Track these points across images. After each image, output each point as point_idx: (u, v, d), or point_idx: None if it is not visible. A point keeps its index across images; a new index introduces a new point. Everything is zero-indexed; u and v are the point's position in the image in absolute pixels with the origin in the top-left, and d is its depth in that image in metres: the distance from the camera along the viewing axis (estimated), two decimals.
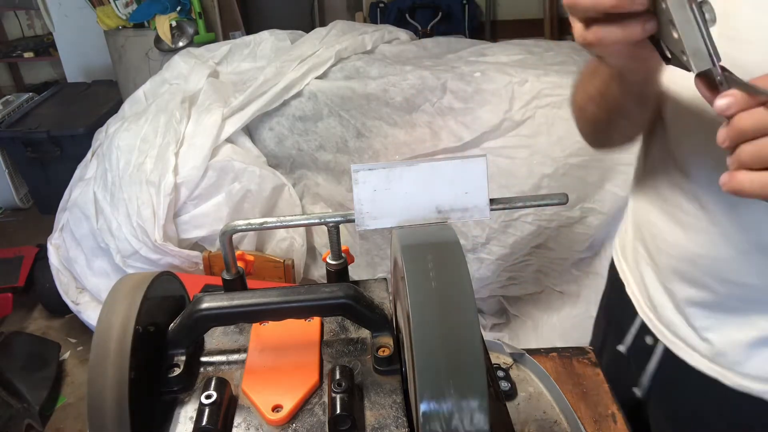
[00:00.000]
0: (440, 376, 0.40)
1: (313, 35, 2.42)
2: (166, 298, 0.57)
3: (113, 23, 3.05)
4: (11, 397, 1.91)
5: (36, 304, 2.57)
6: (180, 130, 2.10)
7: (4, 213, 3.30)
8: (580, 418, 0.75)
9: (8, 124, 3.02)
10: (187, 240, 2.07)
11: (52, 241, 2.29)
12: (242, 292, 0.60)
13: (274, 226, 0.59)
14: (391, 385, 0.52)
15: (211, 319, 0.54)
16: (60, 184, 2.47)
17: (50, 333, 2.45)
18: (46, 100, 3.38)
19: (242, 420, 0.50)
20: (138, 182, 2.03)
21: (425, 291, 0.44)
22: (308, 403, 0.51)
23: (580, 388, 0.86)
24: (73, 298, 2.19)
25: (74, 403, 2.14)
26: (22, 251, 2.60)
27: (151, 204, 1.98)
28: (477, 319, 0.43)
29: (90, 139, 2.53)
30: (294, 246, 2.15)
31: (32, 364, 2.15)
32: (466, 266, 0.46)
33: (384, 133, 2.12)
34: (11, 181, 3.18)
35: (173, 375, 0.52)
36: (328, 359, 0.56)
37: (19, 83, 4.47)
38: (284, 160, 2.30)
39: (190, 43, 2.93)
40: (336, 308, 0.54)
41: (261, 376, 0.54)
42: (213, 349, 0.58)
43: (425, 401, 0.40)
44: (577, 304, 1.95)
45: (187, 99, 2.22)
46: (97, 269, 2.13)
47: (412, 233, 0.52)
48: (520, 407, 0.78)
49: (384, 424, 0.49)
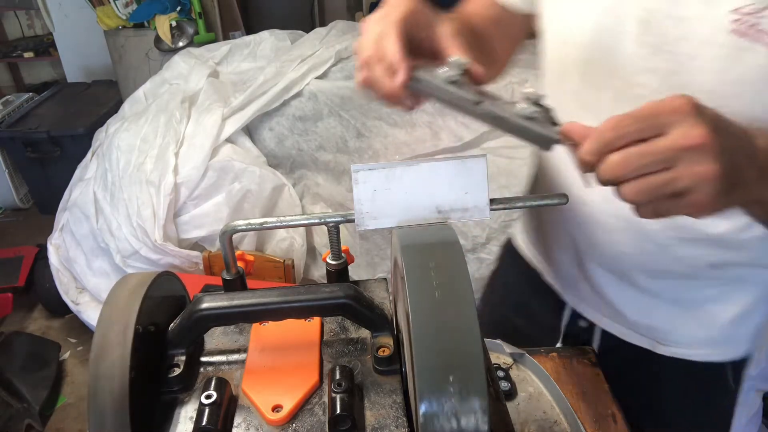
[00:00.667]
0: (440, 376, 0.40)
1: (313, 35, 2.42)
2: (166, 298, 0.57)
3: (113, 23, 3.05)
4: (11, 397, 1.91)
5: (36, 304, 2.57)
6: (180, 130, 2.10)
7: (4, 213, 3.30)
8: (580, 418, 0.75)
9: (8, 124, 3.02)
10: (187, 240, 2.07)
11: (52, 241, 2.29)
12: (242, 292, 0.60)
13: (274, 226, 0.59)
14: (391, 385, 0.52)
15: (211, 319, 0.54)
16: (60, 184, 2.47)
17: (50, 333, 2.45)
18: (46, 100, 3.38)
19: (242, 420, 0.50)
20: (138, 182, 2.03)
21: (425, 291, 0.44)
22: (308, 403, 0.51)
23: (580, 388, 0.86)
24: (73, 298, 2.19)
25: (74, 403, 2.14)
26: (22, 251, 2.60)
27: (151, 204, 1.98)
28: (477, 319, 0.43)
29: (90, 139, 2.53)
30: (294, 246, 2.15)
31: (32, 364, 2.15)
32: (466, 266, 0.46)
33: (384, 132, 2.12)
34: (11, 181, 3.18)
35: (173, 375, 0.52)
36: (328, 359, 0.56)
37: (19, 83, 4.47)
38: (284, 160, 2.30)
39: (190, 43, 2.93)
40: (336, 308, 0.54)
41: (261, 376, 0.54)
42: (213, 349, 0.58)
43: (425, 401, 0.40)
44: None
45: (187, 99, 2.22)
46: (97, 269, 2.13)
47: (412, 233, 0.52)
48: (520, 407, 0.78)
49: (384, 424, 0.49)
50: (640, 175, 0.44)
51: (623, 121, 0.44)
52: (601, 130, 0.45)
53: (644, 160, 0.44)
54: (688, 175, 0.44)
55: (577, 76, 0.71)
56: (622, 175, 0.45)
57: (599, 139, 0.45)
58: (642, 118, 0.44)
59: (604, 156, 0.46)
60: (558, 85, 0.75)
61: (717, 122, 0.45)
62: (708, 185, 0.44)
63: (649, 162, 0.44)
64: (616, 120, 0.45)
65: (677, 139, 0.43)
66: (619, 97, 0.66)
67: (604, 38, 0.65)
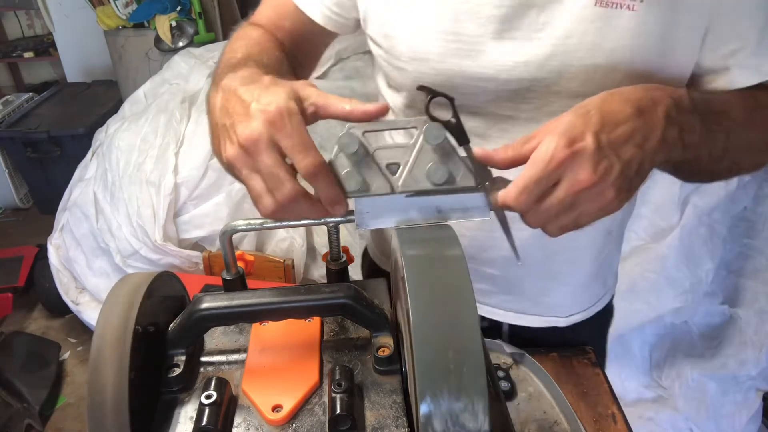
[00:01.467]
0: (440, 376, 0.40)
1: None
2: (166, 298, 0.57)
3: (113, 23, 3.05)
4: (11, 397, 1.91)
5: (36, 304, 2.57)
6: (180, 130, 2.10)
7: (4, 213, 3.30)
8: (580, 418, 0.75)
9: (8, 124, 3.02)
10: (187, 240, 2.07)
11: (52, 241, 2.29)
12: (242, 292, 0.60)
13: (274, 226, 0.59)
14: (391, 385, 0.52)
15: (211, 319, 0.54)
16: (60, 184, 2.47)
17: (50, 333, 2.45)
18: (46, 100, 3.38)
19: (242, 420, 0.50)
20: (138, 182, 2.03)
21: (425, 291, 0.44)
22: (308, 403, 0.51)
23: (580, 388, 0.86)
24: (73, 298, 2.19)
25: (74, 403, 2.14)
26: (22, 251, 2.60)
27: (151, 204, 1.98)
28: (477, 319, 0.43)
29: (90, 139, 2.53)
30: (294, 246, 2.15)
31: (32, 364, 2.15)
32: (466, 266, 0.46)
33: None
34: (11, 181, 3.18)
35: (173, 375, 0.52)
36: (328, 359, 0.56)
37: (19, 83, 4.47)
38: None
39: (190, 43, 2.92)
40: (336, 308, 0.54)
41: (261, 376, 0.54)
42: (213, 349, 0.58)
43: (425, 401, 0.40)
44: None
45: (187, 99, 2.22)
46: (97, 269, 2.13)
47: (412, 233, 0.52)
48: (520, 407, 0.78)
49: (384, 424, 0.49)
50: (555, 217, 0.52)
51: (528, 186, 0.50)
52: (514, 197, 0.51)
53: (553, 210, 0.51)
54: (591, 209, 0.51)
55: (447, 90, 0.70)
56: (543, 224, 0.53)
57: (518, 203, 0.51)
58: (539, 180, 0.49)
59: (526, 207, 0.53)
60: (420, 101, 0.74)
61: (602, 133, 0.50)
62: (612, 205, 0.51)
63: (558, 210, 0.51)
64: (522, 184, 0.50)
65: (570, 187, 0.50)
66: (500, 96, 0.67)
67: (462, 48, 0.66)
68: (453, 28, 0.65)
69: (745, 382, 1.79)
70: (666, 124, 0.53)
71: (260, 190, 0.49)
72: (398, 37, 0.70)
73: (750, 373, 1.78)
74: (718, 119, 0.59)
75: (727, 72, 0.64)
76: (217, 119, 0.54)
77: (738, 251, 1.87)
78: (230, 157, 0.50)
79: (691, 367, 1.86)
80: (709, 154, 0.59)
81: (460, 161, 0.53)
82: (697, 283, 1.79)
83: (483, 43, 0.65)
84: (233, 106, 0.51)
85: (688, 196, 1.77)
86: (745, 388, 1.80)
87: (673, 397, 1.87)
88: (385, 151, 0.53)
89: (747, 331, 1.81)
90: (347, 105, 0.53)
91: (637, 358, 1.94)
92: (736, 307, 1.86)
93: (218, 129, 0.54)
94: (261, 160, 0.48)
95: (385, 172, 0.53)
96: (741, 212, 1.84)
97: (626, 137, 0.51)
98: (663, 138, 0.53)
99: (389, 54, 0.72)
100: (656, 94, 0.54)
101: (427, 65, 0.68)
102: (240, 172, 0.50)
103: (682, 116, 0.55)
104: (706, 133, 0.57)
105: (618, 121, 0.51)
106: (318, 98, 0.53)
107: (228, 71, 0.59)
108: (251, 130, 0.48)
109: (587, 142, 0.49)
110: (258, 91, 0.51)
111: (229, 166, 0.51)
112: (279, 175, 0.48)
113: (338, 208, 0.52)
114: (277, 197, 0.49)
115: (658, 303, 1.81)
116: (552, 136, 0.50)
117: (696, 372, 1.84)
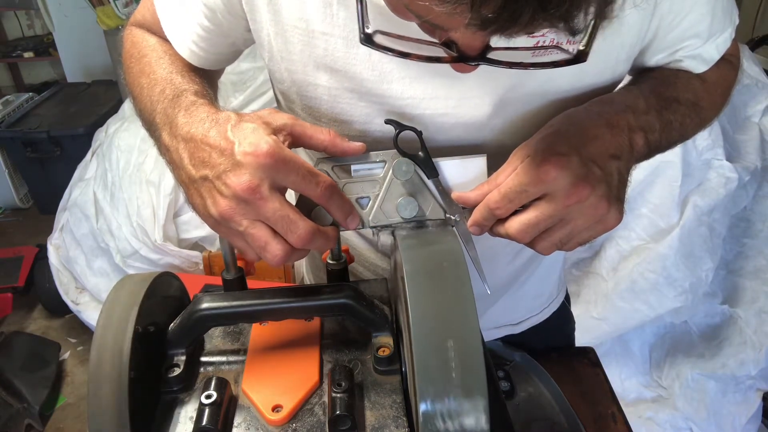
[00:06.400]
0: (440, 376, 0.40)
1: None
2: (166, 298, 0.57)
3: (113, 23, 3.05)
4: (11, 397, 1.91)
5: (36, 304, 2.57)
6: None
7: (4, 213, 3.30)
8: (580, 418, 0.75)
9: (8, 124, 3.01)
10: (187, 240, 2.07)
11: (52, 241, 2.29)
12: (242, 292, 0.60)
13: None
14: (391, 385, 0.52)
15: (211, 319, 0.54)
16: (60, 184, 2.47)
17: (50, 333, 2.45)
18: (46, 100, 3.37)
19: (242, 420, 0.50)
20: (138, 182, 2.03)
21: (425, 291, 0.44)
22: (308, 403, 0.51)
23: (580, 388, 0.86)
24: (73, 298, 2.19)
25: (74, 403, 2.13)
26: (22, 251, 2.60)
27: (151, 204, 1.98)
28: (477, 319, 0.43)
29: (90, 139, 2.53)
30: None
31: (32, 364, 2.15)
32: (466, 266, 0.46)
33: None
34: (11, 181, 3.17)
35: (173, 375, 0.52)
36: (328, 359, 0.56)
37: (19, 83, 4.47)
38: None
39: None
40: (336, 308, 0.54)
41: (261, 376, 0.54)
42: (213, 349, 0.58)
43: (425, 401, 0.40)
44: (577, 304, 1.95)
45: None
46: (97, 269, 2.13)
47: (412, 234, 0.52)
48: (520, 407, 0.78)
49: (384, 424, 0.49)
50: (547, 233, 0.51)
51: (508, 194, 0.50)
52: (496, 200, 0.50)
53: (542, 225, 0.50)
54: (586, 223, 0.51)
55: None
56: (532, 239, 0.51)
57: (497, 205, 0.51)
58: (521, 190, 0.49)
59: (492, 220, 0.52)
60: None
61: (582, 148, 0.50)
62: (610, 216, 0.50)
63: (547, 224, 0.50)
64: (504, 191, 0.50)
65: (564, 199, 0.49)
66: (468, 127, 0.62)
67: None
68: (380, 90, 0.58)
69: (745, 382, 1.79)
70: (631, 132, 0.55)
71: (266, 238, 0.47)
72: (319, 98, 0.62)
73: (750, 373, 1.78)
74: (672, 107, 0.60)
75: (678, 63, 0.65)
76: (190, 173, 0.49)
77: (738, 251, 1.87)
78: (224, 210, 0.46)
79: (691, 367, 1.86)
80: (668, 141, 0.61)
81: (429, 195, 0.54)
82: (696, 283, 1.79)
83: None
84: (208, 155, 0.47)
85: (688, 196, 1.77)
86: (744, 388, 1.80)
87: (673, 396, 1.87)
88: (354, 185, 0.53)
89: (747, 331, 1.81)
90: (325, 136, 0.51)
91: (636, 358, 1.94)
92: (736, 307, 1.86)
93: (196, 184, 0.49)
94: (266, 207, 0.46)
95: (355, 207, 0.53)
96: (741, 212, 1.84)
97: (603, 150, 0.52)
98: (631, 146, 0.54)
99: (305, 110, 0.64)
100: (615, 108, 0.56)
101: (350, 128, 0.62)
102: (239, 225, 0.47)
103: (641, 119, 0.56)
104: (664, 126, 0.59)
105: (595, 135, 0.52)
106: (294, 128, 0.50)
107: (174, 110, 0.54)
108: (249, 178, 0.45)
109: (571, 157, 0.49)
110: (231, 133, 0.47)
111: (223, 220, 0.47)
112: (290, 217, 0.46)
113: (354, 219, 0.52)
114: (291, 239, 0.47)
115: (657, 303, 1.80)
116: (535, 152, 0.50)
117: (696, 372, 1.84)
